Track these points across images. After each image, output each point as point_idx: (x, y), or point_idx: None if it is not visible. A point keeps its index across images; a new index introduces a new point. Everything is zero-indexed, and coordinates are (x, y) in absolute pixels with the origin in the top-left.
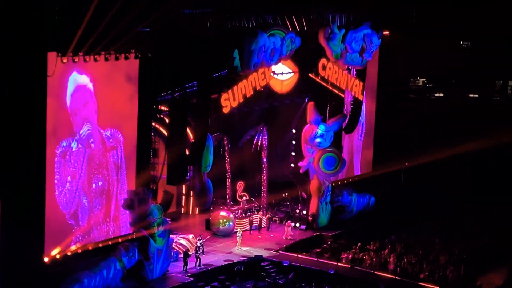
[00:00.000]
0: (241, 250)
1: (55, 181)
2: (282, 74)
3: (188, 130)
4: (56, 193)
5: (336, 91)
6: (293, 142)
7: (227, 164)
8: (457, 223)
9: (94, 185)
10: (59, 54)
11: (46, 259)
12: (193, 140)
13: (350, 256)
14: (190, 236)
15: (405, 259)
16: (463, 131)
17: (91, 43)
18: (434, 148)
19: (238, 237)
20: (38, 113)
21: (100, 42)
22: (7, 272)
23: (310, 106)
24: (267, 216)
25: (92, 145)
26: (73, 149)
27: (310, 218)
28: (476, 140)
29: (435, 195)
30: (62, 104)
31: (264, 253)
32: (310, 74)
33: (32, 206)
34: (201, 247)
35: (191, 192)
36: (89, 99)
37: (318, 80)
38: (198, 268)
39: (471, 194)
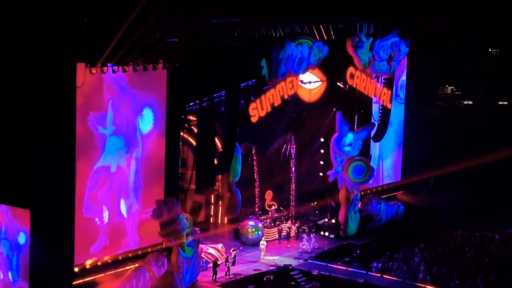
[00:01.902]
0: (268, 259)
1: (86, 191)
2: (310, 83)
3: (216, 139)
4: (86, 202)
5: (364, 100)
6: (322, 151)
7: (255, 174)
8: (487, 231)
9: (124, 194)
10: (88, 65)
11: (75, 269)
12: (221, 150)
13: (380, 265)
14: (219, 246)
15: (434, 268)
16: (492, 138)
17: (119, 54)
18: (463, 155)
19: (261, 246)
20: (67, 123)
21: (129, 52)
22: (36, 282)
23: (338, 114)
24: (296, 225)
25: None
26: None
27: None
28: (505, 148)
29: (464, 202)
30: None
31: (293, 262)
32: (338, 83)
33: (62, 216)
34: (233, 258)
35: (220, 201)
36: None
37: (346, 89)
38: (227, 277)
39: (501, 201)
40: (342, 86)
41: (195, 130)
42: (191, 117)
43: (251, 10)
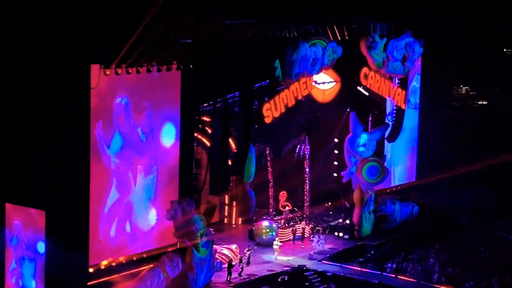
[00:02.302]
0: (282, 260)
1: (100, 191)
2: (324, 84)
3: (230, 140)
4: (101, 203)
5: (378, 100)
6: (336, 151)
7: (269, 174)
8: (502, 231)
9: (138, 194)
10: (102, 66)
11: (90, 270)
12: (235, 150)
13: (394, 265)
14: (233, 246)
15: (449, 268)
16: (507, 138)
17: (133, 55)
18: (478, 155)
19: (275, 247)
20: (81, 124)
21: (143, 54)
22: (52, 283)
23: (352, 115)
24: (310, 226)
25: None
26: (118, 162)
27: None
28: None
29: (479, 203)
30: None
31: (308, 263)
32: (352, 83)
33: (77, 217)
34: (247, 258)
35: (234, 202)
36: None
37: (360, 89)
38: (241, 278)
39: None
40: (356, 86)
41: (209, 131)
42: (205, 118)
43: (265, 11)
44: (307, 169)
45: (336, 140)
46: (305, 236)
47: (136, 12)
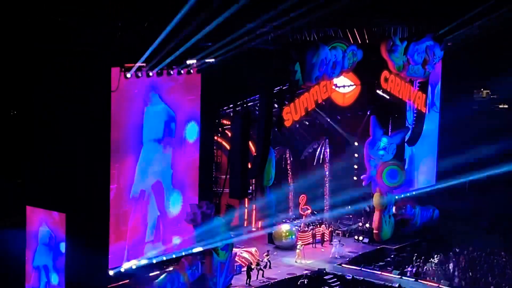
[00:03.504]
0: (302, 263)
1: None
2: (344, 87)
3: (250, 143)
4: (122, 204)
5: (398, 104)
6: (356, 155)
7: (289, 177)
8: None
9: (158, 197)
10: (123, 69)
11: (110, 272)
12: (255, 154)
13: (414, 269)
14: (253, 250)
15: (470, 272)
16: None
17: (154, 58)
18: (498, 159)
19: (298, 250)
20: (102, 127)
21: (163, 57)
22: (72, 284)
23: (373, 118)
24: (330, 229)
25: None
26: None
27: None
28: None
29: (500, 207)
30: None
31: (327, 267)
32: (372, 87)
33: (97, 220)
34: (268, 262)
35: (254, 205)
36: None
37: (381, 93)
38: (261, 281)
39: None
40: (377, 90)
41: (229, 134)
42: (225, 121)
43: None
44: (327, 172)
45: (356, 143)
46: (325, 239)
47: (156, 15)
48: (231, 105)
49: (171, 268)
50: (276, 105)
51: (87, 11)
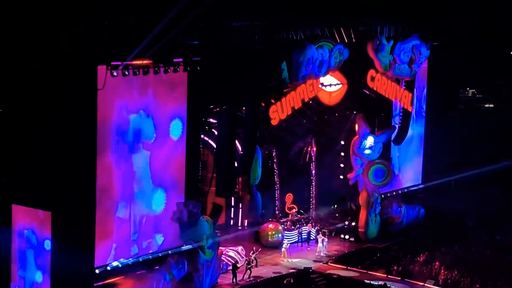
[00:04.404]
0: (288, 262)
1: (107, 192)
2: (331, 86)
3: (236, 142)
4: (108, 203)
5: (385, 103)
6: (342, 153)
7: (275, 176)
8: (508, 234)
9: (144, 196)
10: (109, 67)
11: (96, 271)
12: (241, 152)
13: (400, 268)
14: (239, 248)
15: (455, 272)
16: None
17: (140, 57)
18: (485, 158)
19: (283, 249)
20: (88, 125)
21: (150, 55)
22: (58, 283)
23: (359, 117)
24: (316, 228)
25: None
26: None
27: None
28: None
29: (486, 206)
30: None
31: (313, 265)
32: (358, 86)
33: (82, 218)
34: (254, 260)
35: (240, 204)
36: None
37: (367, 92)
38: (248, 280)
39: None
40: (363, 89)
41: (216, 133)
42: (211, 120)
43: (272, 13)
44: (313, 171)
45: (342, 142)
46: (311, 238)
47: (143, 13)
48: (217, 104)
49: (157, 267)
50: (262, 104)
51: (73, 9)
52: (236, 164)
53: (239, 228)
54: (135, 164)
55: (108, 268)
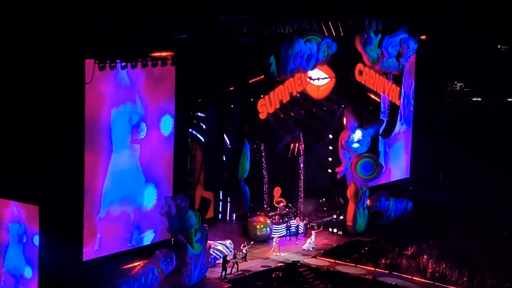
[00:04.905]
0: (277, 255)
1: (94, 186)
2: (319, 80)
3: (225, 136)
4: (96, 197)
5: (373, 96)
6: (330, 147)
7: (264, 170)
8: (496, 227)
9: (132, 190)
10: (97, 61)
11: (84, 263)
12: (230, 146)
13: (388, 261)
14: (228, 242)
15: (443, 265)
16: (501, 135)
17: (128, 50)
18: (472, 152)
19: (274, 243)
20: (76, 119)
21: (137, 49)
22: (46, 276)
23: (347, 111)
24: (304, 222)
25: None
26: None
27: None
28: None
29: (473, 199)
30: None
31: (302, 259)
32: (346, 79)
33: (71, 212)
34: (245, 254)
35: (228, 198)
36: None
37: (355, 86)
38: (236, 273)
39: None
40: (351, 82)
41: (204, 127)
42: (199, 114)
43: (260, 7)
44: (301, 165)
45: (330, 136)
46: (300, 232)
47: (131, 7)
48: (206, 97)
49: (145, 261)
50: (251, 98)
51: (61, 3)
52: (224, 158)
53: (227, 221)
54: (125, 160)
55: (96, 262)
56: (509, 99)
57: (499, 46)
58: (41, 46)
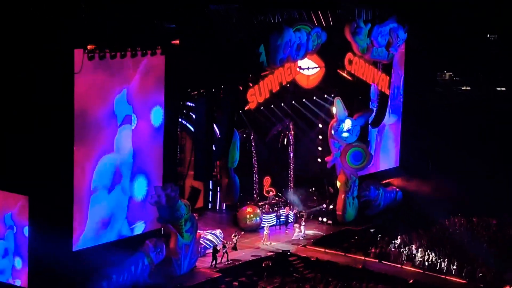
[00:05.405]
0: (267, 245)
1: (84, 175)
2: (308, 69)
3: (214, 125)
4: (85, 188)
5: (363, 86)
6: (320, 137)
7: (253, 160)
8: (485, 216)
9: (122, 179)
10: (86, 51)
11: (74, 253)
12: (219, 136)
13: (378, 250)
14: (218, 232)
15: (432, 253)
16: (490, 124)
17: (117, 40)
18: (461, 141)
19: (264, 233)
20: (65, 110)
21: (127, 38)
22: (35, 266)
23: (337, 100)
24: (294, 211)
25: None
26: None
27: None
28: (503, 135)
29: (462, 188)
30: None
31: (292, 248)
32: (336, 69)
33: (60, 202)
34: (234, 244)
35: (218, 187)
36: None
37: (345, 75)
38: (226, 263)
39: (500, 188)
40: (340, 72)
41: (193, 116)
42: (189, 103)
43: None
44: (291, 154)
45: (320, 125)
46: (289, 221)
47: None
48: (195, 87)
49: (135, 251)
50: (240, 87)
51: None
52: (214, 148)
53: (217, 211)
54: (115, 151)
55: (86, 252)
56: (498, 88)
57: (488, 36)
58: (31, 36)
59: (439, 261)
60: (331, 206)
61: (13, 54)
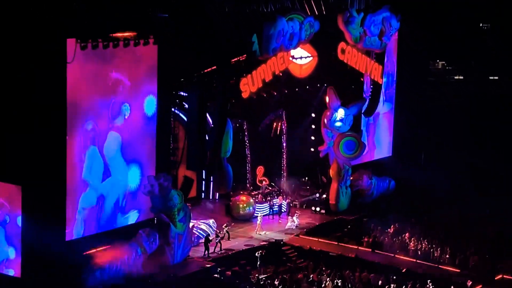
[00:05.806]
0: (261, 234)
1: (77, 166)
2: (301, 58)
3: (207, 115)
4: (78, 177)
5: (355, 75)
6: (313, 126)
7: (246, 149)
8: (478, 207)
9: (114, 169)
10: (79, 40)
11: (67, 243)
12: (212, 125)
13: (371, 239)
14: (211, 221)
15: (425, 242)
16: (482, 113)
17: (110, 29)
18: (454, 130)
19: (258, 222)
20: (58, 99)
21: (119, 28)
22: (29, 257)
23: (330, 90)
24: (287, 200)
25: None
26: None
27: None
28: (496, 124)
29: (456, 178)
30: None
31: (285, 238)
32: (329, 58)
33: (53, 192)
34: (226, 233)
35: (211, 177)
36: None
37: (337, 64)
38: (219, 252)
39: (492, 178)
40: (333, 61)
41: (186, 106)
42: (182, 93)
43: None
44: (284, 144)
45: (313, 115)
46: (283, 211)
47: None
48: (188, 76)
49: (128, 240)
50: (233, 77)
51: None
52: (207, 137)
53: (210, 201)
54: (108, 140)
55: (79, 242)
56: (491, 77)
57: (481, 24)
58: (24, 26)
59: (431, 250)
60: (324, 196)
61: (4, 45)
